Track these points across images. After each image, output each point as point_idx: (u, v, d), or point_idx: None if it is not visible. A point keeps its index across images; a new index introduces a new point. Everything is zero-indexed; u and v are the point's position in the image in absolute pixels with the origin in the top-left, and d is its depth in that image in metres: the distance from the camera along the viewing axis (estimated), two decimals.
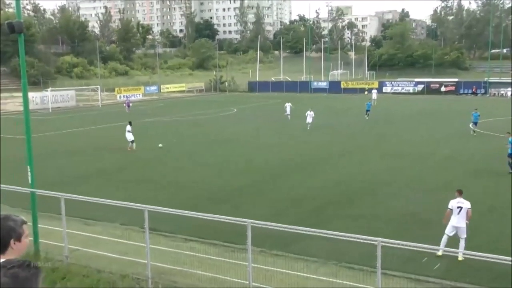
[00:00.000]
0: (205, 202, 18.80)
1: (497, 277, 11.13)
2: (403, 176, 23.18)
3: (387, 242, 9.52)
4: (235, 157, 28.41)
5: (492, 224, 16.09)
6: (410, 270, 11.73)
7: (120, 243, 13.83)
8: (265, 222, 11.20)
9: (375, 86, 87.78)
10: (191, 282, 11.47)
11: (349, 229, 13.78)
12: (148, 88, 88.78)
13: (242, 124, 45.44)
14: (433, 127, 40.52)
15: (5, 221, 3.52)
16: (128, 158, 28.32)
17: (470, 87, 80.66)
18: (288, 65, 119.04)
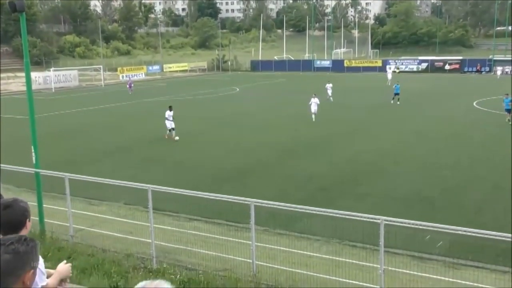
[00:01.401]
0: (212, 181, 18.95)
1: (500, 255, 11.17)
2: (412, 154, 23.17)
3: (390, 220, 9.55)
4: (241, 137, 28.42)
5: (498, 201, 16.09)
6: (413, 248, 11.80)
7: (124, 222, 13.92)
8: (268, 201, 11.24)
9: (378, 65, 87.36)
10: (195, 261, 11.56)
11: (355, 207, 13.86)
12: (151, 67, 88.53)
13: (246, 103, 45.35)
14: (444, 105, 40.35)
15: (18, 202, 4.00)
16: (133, 138, 28.34)
17: (475, 65, 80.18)
18: (291, 44, 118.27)
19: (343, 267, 10.60)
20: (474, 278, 10.15)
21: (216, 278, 10.58)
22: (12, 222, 3.89)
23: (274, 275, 10.59)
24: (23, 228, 3.96)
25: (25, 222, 3.99)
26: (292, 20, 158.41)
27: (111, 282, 10.26)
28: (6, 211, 3.90)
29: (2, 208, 3.91)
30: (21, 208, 3.97)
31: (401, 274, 10.27)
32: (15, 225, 3.89)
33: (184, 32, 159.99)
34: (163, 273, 10.76)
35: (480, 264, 11.19)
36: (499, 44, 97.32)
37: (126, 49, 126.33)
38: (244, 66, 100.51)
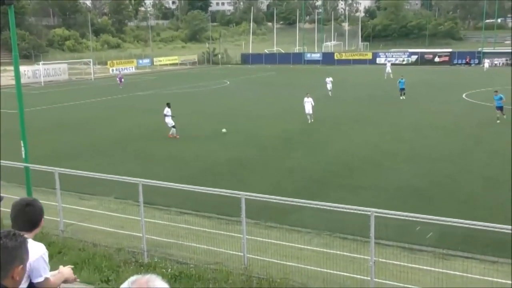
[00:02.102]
0: (206, 175, 19.02)
1: (489, 245, 11.28)
2: (404, 146, 23.28)
3: (380, 212, 9.61)
4: (234, 130, 28.38)
5: (489, 193, 16.22)
6: (403, 239, 11.88)
7: (115, 217, 13.89)
8: (258, 195, 11.26)
9: (368, 58, 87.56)
10: (186, 254, 11.57)
11: (348, 200, 13.95)
12: (141, 61, 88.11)
13: (237, 96, 45.33)
14: (434, 97, 40.48)
15: (37, 201, 4.35)
16: (125, 132, 28.26)
17: (464, 57, 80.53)
18: (281, 37, 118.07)
19: (334, 259, 10.66)
20: (464, 269, 10.25)
21: (207, 272, 10.60)
22: (32, 219, 4.21)
23: (265, 267, 10.62)
24: (39, 225, 4.29)
25: (41, 220, 4.32)
26: (283, 13, 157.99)
27: (102, 277, 10.26)
28: (28, 208, 4.19)
29: (24, 205, 4.20)
30: (40, 206, 4.30)
31: (392, 266, 10.34)
32: (34, 223, 4.21)
33: (174, 25, 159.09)
34: (154, 267, 10.76)
35: (469, 254, 11.30)
36: (488, 36, 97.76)
37: (116, 42, 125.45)
38: (235, 59, 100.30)
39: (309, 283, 10.14)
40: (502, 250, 11.10)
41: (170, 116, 26.28)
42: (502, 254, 11.04)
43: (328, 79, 43.52)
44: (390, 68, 61.81)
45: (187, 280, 10.23)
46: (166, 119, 26.40)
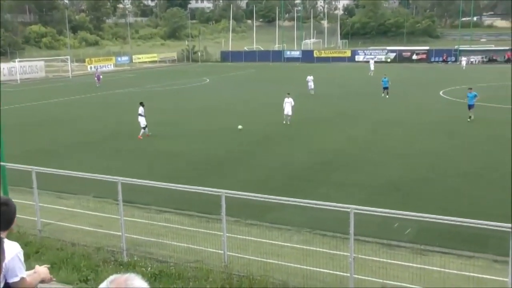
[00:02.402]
0: (186, 172, 18.99)
1: (465, 240, 11.46)
2: (381, 143, 23.50)
3: (360, 209, 9.68)
4: (215, 127, 28.37)
5: (467, 188, 16.45)
6: (382, 235, 11.99)
7: (94, 215, 13.77)
8: (238, 192, 11.26)
9: (347, 55, 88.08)
10: (166, 253, 11.52)
11: (328, 197, 14.02)
12: (120, 58, 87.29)
13: (217, 94, 45.24)
14: (413, 95, 40.85)
15: (11, 200, 4.36)
16: (106, 129, 28.01)
17: (441, 55, 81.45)
18: (260, 35, 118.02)
19: (314, 256, 10.71)
20: (441, 264, 10.39)
21: (187, 270, 10.58)
22: (7, 219, 4.21)
23: (246, 265, 10.63)
24: (13, 224, 4.32)
25: (15, 219, 4.34)
26: (262, 11, 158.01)
27: (80, 276, 10.16)
28: (4, 208, 4.17)
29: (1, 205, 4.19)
30: (14, 206, 4.32)
31: (371, 262, 10.44)
32: (9, 222, 4.22)
33: (153, 22, 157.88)
34: (134, 265, 10.70)
35: (446, 249, 11.45)
36: (464, 34, 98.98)
37: (94, 39, 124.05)
38: (214, 57, 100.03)
39: (289, 280, 10.18)
40: (479, 245, 11.29)
41: (143, 116, 25.61)
42: (479, 249, 11.22)
43: (309, 78, 42.97)
44: (373, 65, 61.91)
45: (167, 279, 10.19)
46: (140, 118, 25.77)
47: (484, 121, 28.05)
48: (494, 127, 26.42)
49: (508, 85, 46.03)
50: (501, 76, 55.66)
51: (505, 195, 15.59)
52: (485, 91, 40.46)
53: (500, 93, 40.16)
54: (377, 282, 9.81)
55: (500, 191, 16.00)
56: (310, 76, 43.09)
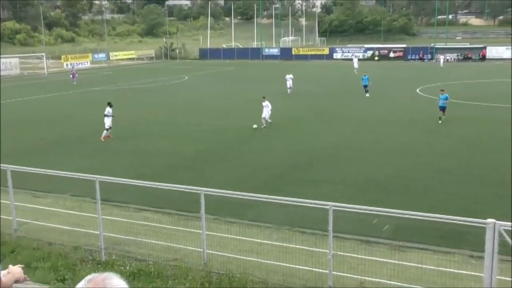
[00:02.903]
0: (165, 170, 18.87)
1: (443, 236, 11.63)
2: (363, 140, 23.67)
3: (338, 206, 9.74)
4: (193, 124, 28.29)
5: (443, 185, 16.66)
6: (361, 232, 12.08)
7: (71, 214, 13.61)
8: (217, 190, 11.25)
9: (325, 53, 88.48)
10: (145, 251, 11.46)
11: (307, 194, 14.06)
12: (96, 55, 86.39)
13: (195, 91, 45.08)
14: (391, 92, 41.21)
15: None
16: (83, 128, 27.68)
17: (418, 53, 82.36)
18: (239, 32, 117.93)
19: (293, 253, 10.75)
20: (419, 260, 10.51)
21: (166, 268, 10.53)
22: None
23: (225, 263, 10.63)
24: None
25: None
26: (240, 8, 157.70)
27: (58, 276, 10.04)
28: None
29: None
30: None
31: (350, 258, 10.51)
32: None
33: (130, 19, 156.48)
34: (112, 264, 10.61)
35: (424, 246, 11.59)
36: (440, 32, 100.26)
37: (70, 36, 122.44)
38: (193, 54, 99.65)
39: (268, 277, 10.20)
40: (455, 241, 11.46)
41: (111, 117, 24.42)
42: (455, 245, 11.38)
43: (288, 76, 41.60)
44: (358, 63, 61.09)
45: (146, 278, 10.13)
46: (106, 119, 24.37)
47: (460, 119, 28.45)
48: (470, 125, 26.81)
49: (482, 83, 46.85)
50: (477, 74, 56.53)
51: (480, 192, 15.87)
52: (460, 89, 41.12)
53: (475, 91, 40.79)
54: (356, 278, 9.89)
55: (476, 188, 16.27)
56: (289, 75, 41.69)
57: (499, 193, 15.65)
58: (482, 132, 25.04)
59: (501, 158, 19.81)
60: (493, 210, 13.24)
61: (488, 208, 13.90)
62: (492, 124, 26.77)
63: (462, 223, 9.06)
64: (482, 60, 75.72)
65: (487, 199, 15.14)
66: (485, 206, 14.29)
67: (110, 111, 24.58)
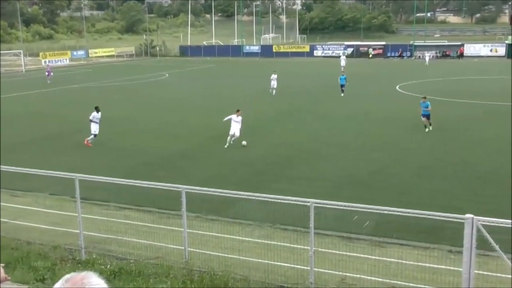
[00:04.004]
0: (146, 167, 18.80)
1: (421, 232, 11.76)
2: (341, 137, 23.82)
3: (319, 203, 9.78)
4: (174, 122, 28.20)
5: (422, 181, 16.84)
6: (342, 228, 12.16)
7: (51, 213, 13.45)
8: (198, 187, 11.22)
9: (306, 50, 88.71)
10: (126, 250, 11.38)
11: (288, 190, 14.10)
12: (75, 53, 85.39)
13: (176, 88, 44.90)
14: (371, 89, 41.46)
15: None
16: (62, 126, 27.36)
17: (397, 50, 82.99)
18: (219, 29, 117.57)
19: (274, 250, 10.77)
20: (399, 255, 10.61)
21: (148, 267, 10.48)
22: None
23: (207, 261, 10.61)
24: None
25: None
26: (221, 5, 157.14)
27: (37, 276, 9.93)
28: None
29: None
30: None
31: (331, 255, 10.57)
32: None
33: (110, 16, 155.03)
34: (93, 263, 10.53)
35: (403, 241, 11.71)
36: (419, 30, 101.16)
37: (48, 33, 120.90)
38: (173, 51, 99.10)
39: (250, 275, 10.21)
40: (434, 236, 11.60)
41: (97, 122, 22.60)
42: (434, 240, 11.52)
43: (273, 76, 39.31)
44: (345, 61, 59.17)
45: (127, 276, 10.06)
46: (92, 125, 22.55)
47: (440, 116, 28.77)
48: (450, 121, 27.11)
49: (461, 80, 47.44)
50: (456, 71, 57.17)
51: (459, 188, 16.08)
52: (441, 86, 41.61)
53: (454, 88, 41.28)
54: (337, 274, 9.95)
55: (455, 184, 16.47)
56: (274, 75, 39.37)
57: (477, 189, 15.89)
58: (461, 129, 25.35)
59: (479, 154, 20.11)
60: (472, 206, 13.43)
61: (467, 204, 14.08)
62: (471, 121, 27.13)
63: (441, 219, 9.17)
64: (460, 57, 76.60)
65: (466, 195, 15.36)
66: (463, 202, 14.48)
67: (97, 116, 22.59)
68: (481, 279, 9.14)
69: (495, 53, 76.86)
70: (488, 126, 25.75)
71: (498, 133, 23.97)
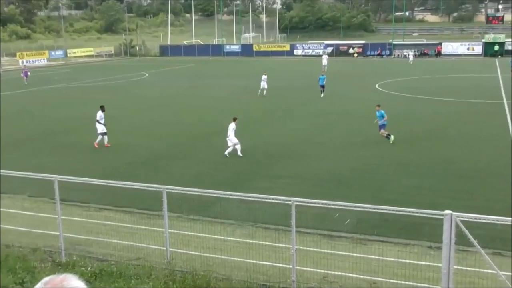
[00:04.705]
0: (126, 167, 18.67)
1: (401, 228, 11.88)
2: (322, 135, 23.91)
3: (301, 201, 9.82)
4: (154, 122, 28.03)
5: (402, 178, 17.00)
6: (323, 226, 12.21)
7: (29, 215, 13.28)
8: (180, 187, 11.17)
9: (286, 49, 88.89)
10: (107, 251, 11.29)
11: (270, 189, 14.11)
12: (53, 52, 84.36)
13: (156, 88, 44.62)
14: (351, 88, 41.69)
15: None
16: (40, 126, 27.02)
17: (376, 49, 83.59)
18: (200, 28, 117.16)
19: (256, 249, 10.78)
20: (379, 252, 10.71)
21: (129, 268, 10.41)
22: None
23: (189, 261, 10.58)
24: None
25: None
26: (201, 4, 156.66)
27: (16, 279, 9.79)
28: None
29: None
30: None
31: (312, 253, 10.61)
32: None
33: (88, 15, 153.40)
34: (73, 265, 10.42)
35: (384, 238, 11.82)
36: (397, 29, 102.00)
37: (25, 33, 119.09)
38: (153, 51, 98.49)
39: (232, 274, 10.21)
40: (414, 232, 11.73)
41: (102, 123, 22.14)
42: (414, 237, 11.65)
43: (263, 77, 38.19)
44: (327, 60, 58.42)
45: (108, 278, 9.98)
46: (98, 125, 22.17)
47: (418, 113, 29.10)
48: (429, 119, 27.41)
49: (437, 78, 47.97)
50: (437, 69, 57.77)
51: (438, 184, 16.27)
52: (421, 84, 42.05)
53: (433, 86, 41.72)
54: (319, 272, 10.00)
55: (434, 180, 16.65)
56: (264, 75, 38.29)
57: (455, 185, 16.10)
58: (440, 126, 25.64)
59: (458, 151, 20.38)
60: (450, 202, 13.60)
61: (445, 200, 14.25)
62: (450, 119, 27.45)
63: (420, 215, 9.27)
64: (438, 56, 77.44)
65: (444, 191, 15.54)
66: (442, 198, 14.66)
67: (102, 115, 22.21)
68: (460, 274, 9.26)
69: (472, 51, 77.88)
70: (467, 124, 26.10)
71: (476, 130, 24.34)
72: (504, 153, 19.55)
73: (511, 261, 9.88)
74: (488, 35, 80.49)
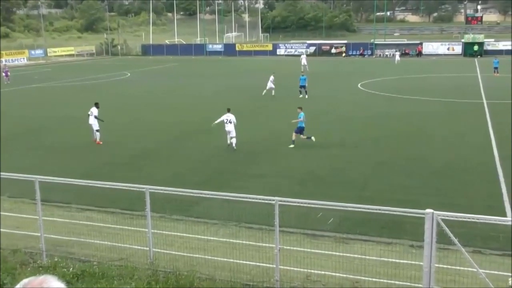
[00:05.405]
0: (107, 167, 18.56)
1: (383, 227, 11.98)
2: None
3: (284, 201, 9.84)
4: (136, 121, 27.89)
5: (382, 177, 17.13)
6: (306, 226, 12.26)
7: (9, 217, 13.09)
8: (162, 187, 11.13)
9: (269, 49, 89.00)
10: (89, 252, 11.20)
11: (252, 189, 14.13)
12: (33, 52, 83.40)
13: (138, 88, 44.36)
14: (331, 87, 41.87)
15: None
16: (19, 126, 26.65)
17: (358, 48, 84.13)
18: (182, 28, 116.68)
19: (240, 249, 10.78)
20: (362, 251, 10.79)
21: (111, 268, 10.33)
22: None
23: (172, 261, 10.54)
24: None
25: None
26: (183, 4, 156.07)
27: None
28: None
29: None
30: None
31: (296, 252, 10.64)
32: None
33: (68, 14, 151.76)
34: (55, 267, 10.32)
35: (367, 237, 11.90)
36: (379, 28, 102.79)
37: (3, 32, 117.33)
38: (135, 50, 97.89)
39: (216, 274, 10.19)
40: (396, 231, 11.83)
41: (97, 118, 22.65)
42: (396, 235, 11.76)
43: (271, 78, 37.27)
44: (306, 60, 57.74)
45: (90, 279, 9.91)
46: (90, 120, 22.73)
47: (398, 112, 29.34)
48: (407, 118, 27.66)
49: (418, 77, 48.46)
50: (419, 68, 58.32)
51: (416, 182, 16.43)
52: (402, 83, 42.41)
53: (415, 85, 42.10)
54: (302, 272, 10.03)
55: (414, 179, 16.81)
56: (272, 77, 37.55)
57: (432, 183, 16.28)
58: (417, 125, 25.87)
59: (437, 150, 20.59)
60: (428, 200, 13.75)
61: (427, 198, 14.40)
62: (427, 118, 27.72)
63: (402, 214, 9.35)
64: (419, 55, 78.19)
65: (422, 189, 15.72)
66: (420, 196, 14.81)
67: (95, 112, 22.73)
68: (441, 272, 9.36)
69: (452, 51, 78.80)
70: (447, 123, 26.38)
71: (452, 129, 24.64)
72: (483, 152, 19.83)
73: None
74: (468, 35, 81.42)
